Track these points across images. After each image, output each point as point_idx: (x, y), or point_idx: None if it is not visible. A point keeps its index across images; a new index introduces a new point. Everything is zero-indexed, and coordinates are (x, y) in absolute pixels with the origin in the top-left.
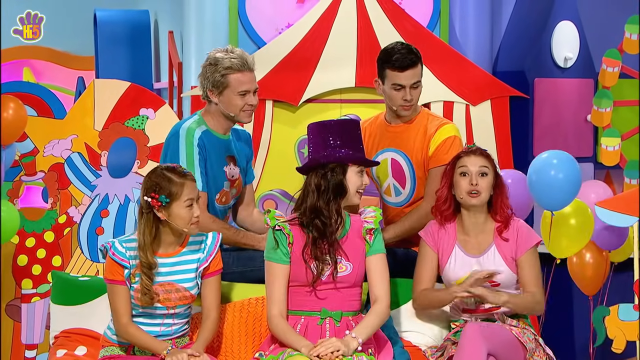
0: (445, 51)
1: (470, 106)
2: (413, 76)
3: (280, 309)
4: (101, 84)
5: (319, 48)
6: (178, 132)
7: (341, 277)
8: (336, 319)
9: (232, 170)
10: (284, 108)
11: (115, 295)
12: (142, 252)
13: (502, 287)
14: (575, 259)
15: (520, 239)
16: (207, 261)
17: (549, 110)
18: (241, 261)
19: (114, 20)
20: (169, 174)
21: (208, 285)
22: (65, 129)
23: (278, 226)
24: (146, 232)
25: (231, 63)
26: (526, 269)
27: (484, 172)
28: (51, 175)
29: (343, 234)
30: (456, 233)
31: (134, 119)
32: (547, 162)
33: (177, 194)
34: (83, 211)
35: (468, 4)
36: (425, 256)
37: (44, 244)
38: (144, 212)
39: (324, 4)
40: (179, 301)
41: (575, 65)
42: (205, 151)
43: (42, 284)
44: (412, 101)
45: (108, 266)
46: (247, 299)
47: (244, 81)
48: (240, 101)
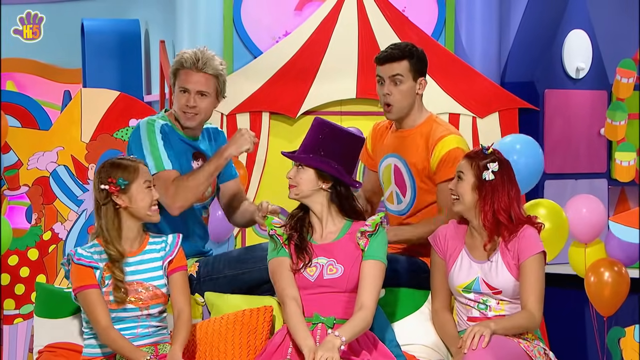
0: (450, 61)
1: (477, 119)
2: (390, 69)
3: (292, 293)
4: (89, 93)
5: (318, 57)
6: (138, 126)
7: (331, 279)
8: (328, 325)
9: None
10: (281, 121)
11: (90, 301)
12: (111, 245)
13: (505, 296)
14: (592, 278)
15: (522, 246)
16: (172, 254)
17: (560, 123)
18: (232, 264)
19: (102, 30)
20: (119, 161)
21: (174, 282)
22: (51, 140)
23: (272, 230)
24: (109, 224)
25: (183, 59)
26: (524, 278)
27: (460, 176)
28: (35, 189)
29: (337, 238)
30: (465, 237)
31: (123, 130)
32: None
33: (135, 174)
34: (69, 227)
35: (475, 11)
36: (435, 265)
37: (28, 262)
38: (102, 204)
39: (323, 11)
40: (150, 300)
41: (587, 76)
42: (169, 140)
43: (25, 304)
44: (390, 97)
45: (76, 274)
46: (240, 311)
47: (187, 79)
48: (180, 98)
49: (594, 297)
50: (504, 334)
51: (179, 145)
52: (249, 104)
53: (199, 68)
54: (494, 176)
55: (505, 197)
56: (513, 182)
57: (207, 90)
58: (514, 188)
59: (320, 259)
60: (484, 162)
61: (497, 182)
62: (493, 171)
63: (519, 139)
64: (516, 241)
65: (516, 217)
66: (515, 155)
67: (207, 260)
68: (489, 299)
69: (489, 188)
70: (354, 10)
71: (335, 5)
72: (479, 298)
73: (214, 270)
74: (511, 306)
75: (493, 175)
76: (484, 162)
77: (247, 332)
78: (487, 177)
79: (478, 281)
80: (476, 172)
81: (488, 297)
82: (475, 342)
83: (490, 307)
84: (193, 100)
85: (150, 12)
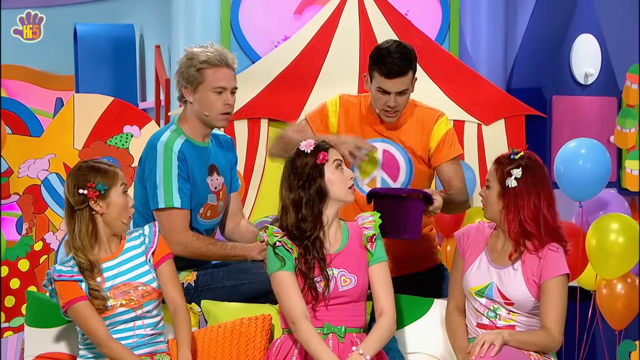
0: (455, 66)
1: (482, 126)
2: (401, 84)
3: (304, 311)
4: (82, 98)
5: (319, 63)
6: (155, 147)
7: (346, 290)
8: (340, 334)
9: (216, 181)
10: (280, 127)
11: (82, 314)
12: (81, 253)
13: (517, 309)
14: (604, 290)
15: (547, 265)
16: (153, 244)
17: (568, 130)
18: (232, 274)
19: (95, 35)
20: (97, 164)
21: (163, 273)
22: (42, 147)
23: (279, 242)
24: (82, 231)
25: (207, 57)
26: (545, 298)
27: (488, 185)
28: (26, 198)
29: (342, 245)
30: (489, 238)
31: (117, 137)
32: (574, 152)
33: (114, 179)
34: (61, 237)
35: (480, 15)
36: (456, 264)
37: (18, 273)
38: (77, 209)
39: (323, 15)
40: (142, 298)
41: (596, 81)
42: (187, 164)
43: (15, 317)
44: (396, 108)
45: (61, 291)
46: (238, 319)
47: (220, 77)
48: (215, 99)
49: (605, 311)
50: (516, 347)
51: (194, 161)
52: (247, 111)
53: (230, 66)
54: (516, 183)
55: (531, 205)
56: (542, 189)
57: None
58: (543, 195)
59: (333, 270)
60: (508, 168)
61: (521, 190)
62: (516, 178)
63: (584, 143)
64: (540, 258)
65: (546, 227)
66: (580, 161)
67: (206, 270)
68: (500, 308)
69: (512, 195)
70: (355, 13)
71: (336, 8)
72: (490, 305)
73: (213, 280)
74: (522, 319)
75: (516, 182)
76: (508, 168)
77: (245, 342)
78: (509, 184)
79: (492, 287)
80: (500, 179)
81: (499, 306)
82: (484, 349)
83: (500, 316)
84: (231, 98)
85: (145, 17)
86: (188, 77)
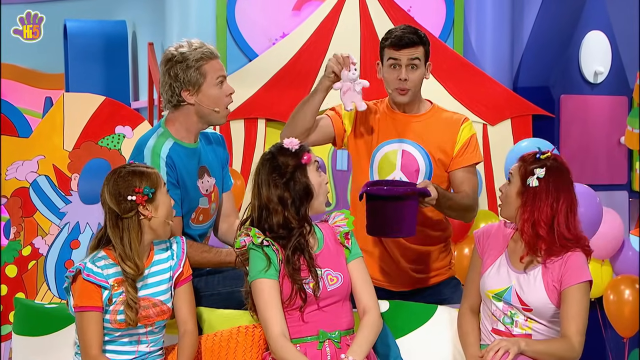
0: (459, 64)
1: (488, 126)
2: (411, 54)
3: (282, 328)
4: (72, 98)
5: (318, 60)
6: (142, 154)
7: (334, 290)
8: (335, 340)
9: (207, 183)
10: (278, 128)
11: (87, 324)
12: (130, 261)
13: (535, 315)
14: (612, 296)
15: (569, 271)
16: (180, 266)
17: (576, 131)
18: (228, 281)
19: (86, 32)
20: (137, 169)
21: (182, 294)
22: (31, 148)
23: (266, 241)
24: (132, 238)
25: (200, 54)
26: (566, 305)
27: (509, 179)
28: (14, 201)
29: (320, 245)
30: (509, 240)
31: (109, 138)
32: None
33: (157, 181)
34: (50, 242)
35: (485, 12)
36: (473, 263)
37: (6, 279)
38: (125, 217)
39: (323, 11)
40: (156, 317)
41: (606, 80)
42: (176, 170)
43: (3, 324)
44: (407, 83)
45: (81, 291)
46: (235, 328)
47: (218, 67)
48: (219, 91)
49: (613, 317)
50: (533, 358)
51: (184, 164)
52: (244, 110)
53: (218, 56)
54: (538, 183)
55: (548, 208)
56: (563, 193)
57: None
58: (564, 201)
59: (319, 270)
60: (532, 166)
61: (541, 190)
62: (538, 177)
63: (537, 143)
64: (562, 264)
65: (560, 233)
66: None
67: (201, 277)
68: (518, 314)
69: (531, 195)
70: (355, 10)
71: (336, 5)
72: (507, 310)
73: (207, 287)
74: (539, 327)
75: (537, 182)
76: (532, 166)
77: (242, 350)
78: (530, 182)
79: (511, 291)
80: (522, 176)
81: (517, 312)
82: (498, 356)
83: (517, 322)
84: (230, 87)
85: (137, 13)
86: (189, 79)
